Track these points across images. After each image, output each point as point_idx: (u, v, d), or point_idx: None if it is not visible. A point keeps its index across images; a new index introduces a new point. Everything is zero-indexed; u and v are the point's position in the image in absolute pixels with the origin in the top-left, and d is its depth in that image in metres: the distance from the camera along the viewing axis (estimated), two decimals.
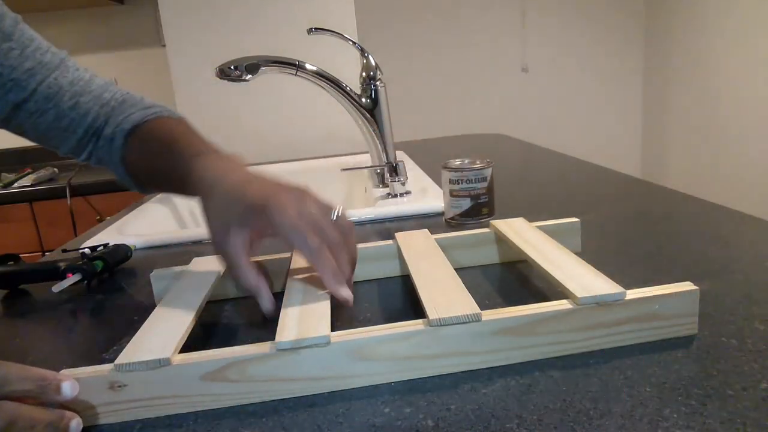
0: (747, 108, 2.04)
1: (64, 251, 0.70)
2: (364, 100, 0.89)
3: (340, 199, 1.23)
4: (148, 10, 2.18)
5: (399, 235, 0.54)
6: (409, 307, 0.47)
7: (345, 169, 0.98)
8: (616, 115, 2.67)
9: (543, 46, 2.56)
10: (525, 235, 0.51)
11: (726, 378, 0.33)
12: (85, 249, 0.66)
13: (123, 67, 2.21)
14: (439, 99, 2.57)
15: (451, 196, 0.69)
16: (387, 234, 0.70)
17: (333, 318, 0.39)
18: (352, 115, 0.90)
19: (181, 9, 1.39)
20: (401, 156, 1.19)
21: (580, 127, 2.65)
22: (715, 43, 2.16)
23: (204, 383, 0.34)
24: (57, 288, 0.55)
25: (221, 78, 0.79)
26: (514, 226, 0.54)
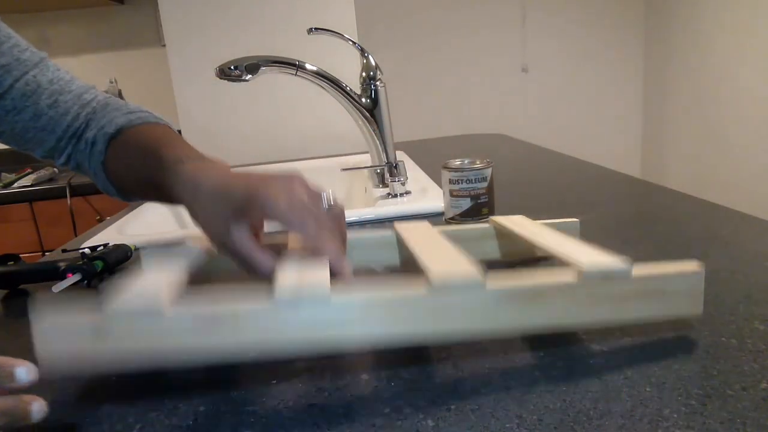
0: (747, 108, 2.04)
1: (64, 251, 0.70)
2: (364, 100, 0.89)
3: (340, 199, 1.23)
4: (148, 10, 2.18)
5: (399, 224, 0.53)
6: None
7: (345, 169, 0.98)
8: (616, 115, 2.67)
9: (543, 46, 2.55)
10: (527, 227, 0.51)
11: (726, 378, 0.33)
12: (85, 249, 0.66)
13: (123, 67, 2.20)
14: (439, 99, 2.57)
15: (451, 196, 0.69)
16: None
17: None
18: (352, 115, 0.90)
19: (181, 9, 1.39)
20: (401, 156, 1.19)
21: (580, 127, 2.65)
22: (715, 43, 2.16)
23: (197, 335, 0.32)
24: (57, 288, 0.55)
25: (221, 78, 0.79)
26: (515, 220, 0.54)
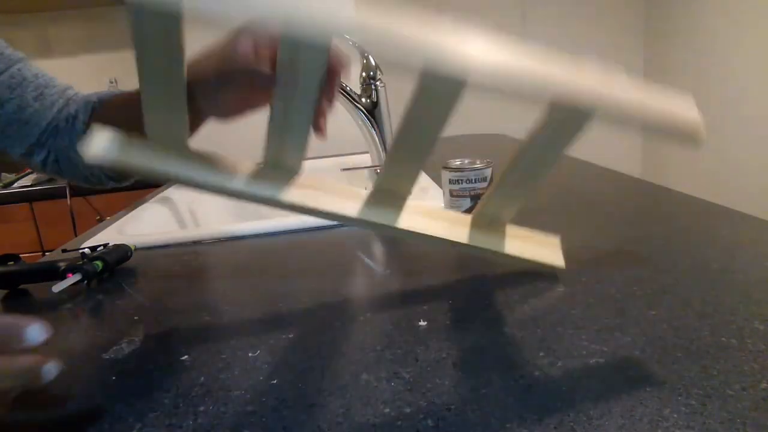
0: (747, 108, 2.04)
1: (64, 251, 0.70)
2: (364, 100, 0.89)
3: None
4: None
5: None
6: None
7: (345, 169, 0.98)
8: None
9: (543, 46, 2.55)
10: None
11: (726, 378, 0.33)
12: (85, 249, 0.66)
13: (123, 67, 2.20)
14: None
15: (451, 196, 0.69)
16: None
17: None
18: (352, 115, 0.90)
19: None
20: None
21: None
22: (715, 42, 2.16)
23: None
24: (57, 288, 0.55)
25: None
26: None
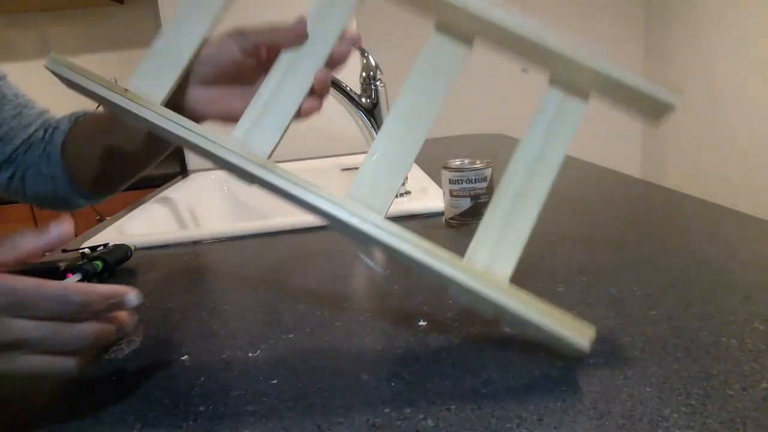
0: (747, 108, 2.04)
1: (64, 251, 0.70)
2: (364, 100, 0.89)
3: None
4: (148, 10, 2.18)
5: None
6: None
7: (345, 169, 0.98)
8: (616, 115, 2.67)
9: None
10: None
11: (726, 378, 0.33)
12: (85, 249, 0.66)
13: (123, 67, 2.20)
14: None
15: (451, 196, 0.69)
16: None
17: None
18: (352, 115, 0.90)
19: None
20: None
21: (580, 126, 2.65)
22: (716, 42, 2.16)
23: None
24: None
25: None
26: None
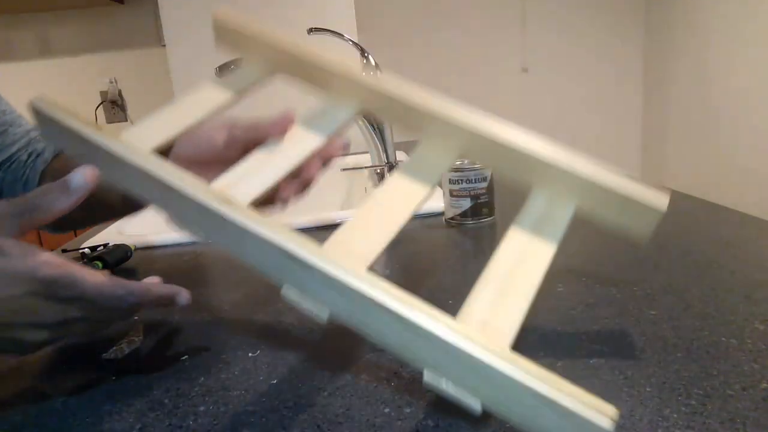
0: (747, 108, 2.04)
1: (64, 251, 0.70)
2: None
3: (340, 199, 1.23)
4: (148, 10, 2.18)
5: None
6: None
7: (345, 169, 0.98)
8: (616, 115, 2.67)
9: (543, 46, 2.55)
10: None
11: (726, 378, 0.33)
12: (85, 249, 0.66)
13: (123, 67, 2.20)
14: None
15: (451, 196, 0.69)
16: None
17: None
18: None
19: (181, 9, 1.39)
20: (401, 156, 1.19)
21: (580, 127, 2.65)
22: (716, 43, 2.16)
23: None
24: None
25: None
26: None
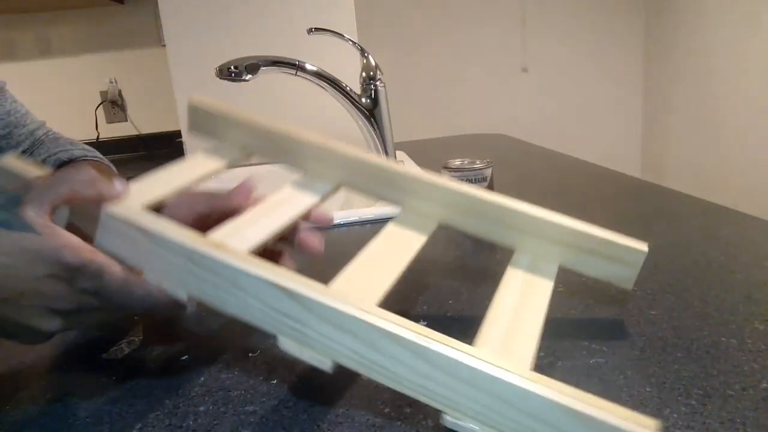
0: (747, 108, 2.04)
1: None
2: (364, 100, 0.89)
3: (340, 199, 1.23)
4: (148, 10, 2.17)
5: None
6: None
7: None
8: (616, 115, 2.67)
9: (543, 46, 2.55)
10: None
11: (726, 378, 0.33)
12: None
13: (123, 67, 2.20)
14: (439, 99, 2.57)
15: None
16: None
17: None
18: (352, 115, 0.90)
19: (181, 9, 1.39)
20: (401, 156, 1.19)
21: (580, 126, 2.65)
22: (716, 43, 2.16)
23: None
24: None
25: (221, 78, 0.79)
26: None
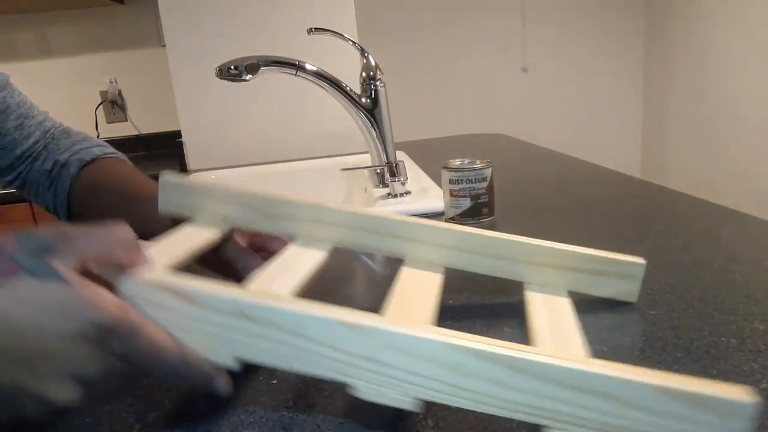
0: (747, 108, 2.04)
1: None
2: (364, 100, 0.89)
3: (340, 199, 1.23)
4: (148, 10, 2.18)
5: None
6: None
7: (345, 169, 0.98)
8: (616, 115, 2.67)
9: (543, 46, 2.55)
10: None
11: (726, 378, 0.33)
12: None
13: (123, 67, 2.20)
14: (439, 99, 2.57)
15: (451, 196, 0.69)
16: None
17: None
18: (352, 115, 0.90)
19: (181, 9, 1.39)
20: (401, 156, 1.19)
21: (580, 126, 2.65)
22: (716, 43, 2.16)
23: None
24: None
25: (221, 78, 0.79)
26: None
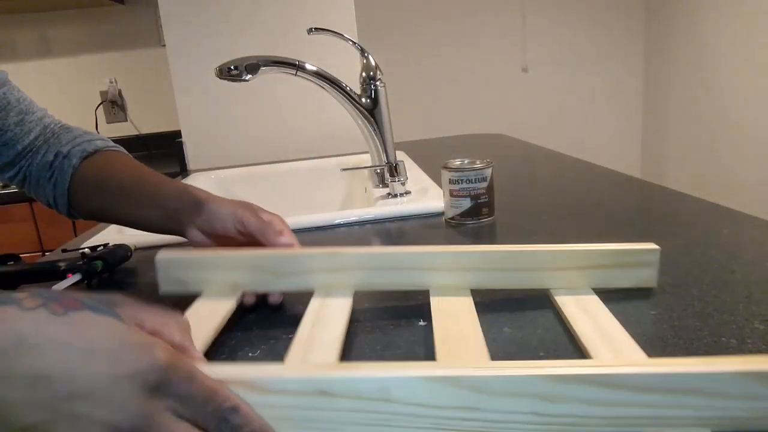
0: (748, 108, 2.04)
1: (64, 251, 0.70)
2: (364, 100, 0.89)
3: (340, 199, 1.23)
4: (148, 10, 2.18)
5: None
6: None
7: (345, 169, 0.98)
8: (616, 115, 2.67)
9: (543, 46, 2.55)
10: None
11: None
12: (85, 249, 0.66)
13: (123, 67, 2.20)
14: (439, 99, 2.57)
15: (451, 196, 0.69)
16: (387, 234, 0.70)
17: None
18: (352, 115, 0.90)
19: (181, 9, 1.39)
20: (401, 156, 1.19)
21: (580, 126, 2.65)
22: (716, 43, 2.16)
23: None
24: (57, 288, 0.55)
25: (221, 78, 0.79)
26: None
